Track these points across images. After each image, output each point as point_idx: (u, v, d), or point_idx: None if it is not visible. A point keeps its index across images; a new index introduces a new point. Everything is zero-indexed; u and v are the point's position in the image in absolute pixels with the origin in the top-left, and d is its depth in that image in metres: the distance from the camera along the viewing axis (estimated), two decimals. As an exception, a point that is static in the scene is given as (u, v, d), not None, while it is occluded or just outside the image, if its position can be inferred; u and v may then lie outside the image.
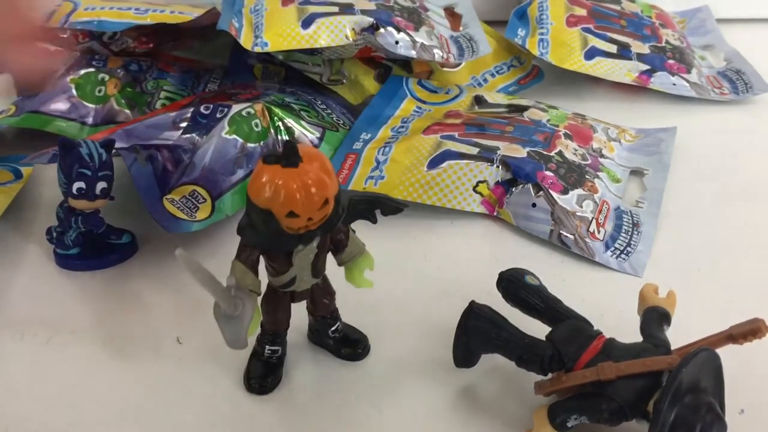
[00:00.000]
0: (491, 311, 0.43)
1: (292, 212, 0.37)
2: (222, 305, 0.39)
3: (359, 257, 0.44)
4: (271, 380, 0.45)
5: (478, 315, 0.43)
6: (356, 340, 0.47)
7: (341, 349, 0.47)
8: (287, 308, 0.44)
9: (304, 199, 0.37)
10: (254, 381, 0.45)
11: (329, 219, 0.39)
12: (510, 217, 0.58)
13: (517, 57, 0.80)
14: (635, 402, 0.38)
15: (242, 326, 0.39)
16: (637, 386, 0.38)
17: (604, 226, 0.57)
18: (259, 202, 0.37)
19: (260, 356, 0.45)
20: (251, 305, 0.40)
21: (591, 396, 0.39)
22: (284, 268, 0.41)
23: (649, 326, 0.42)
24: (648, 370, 0.38)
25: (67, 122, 0.68)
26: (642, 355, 0.39)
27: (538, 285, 0.45)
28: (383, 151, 0.62)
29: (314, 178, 0.37)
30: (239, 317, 0.39)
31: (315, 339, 0.48)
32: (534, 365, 0.41)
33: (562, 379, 0.40)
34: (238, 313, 0.39)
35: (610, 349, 0.40)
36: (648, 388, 0.38)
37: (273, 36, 0.66)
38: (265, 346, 0.45)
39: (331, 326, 0.46)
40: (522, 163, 0.59)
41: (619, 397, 0.38)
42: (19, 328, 0.49)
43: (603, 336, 0.41)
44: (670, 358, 0.39)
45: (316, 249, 0.41)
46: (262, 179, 0.37)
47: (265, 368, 0.45)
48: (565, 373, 0.40)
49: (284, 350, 0.46)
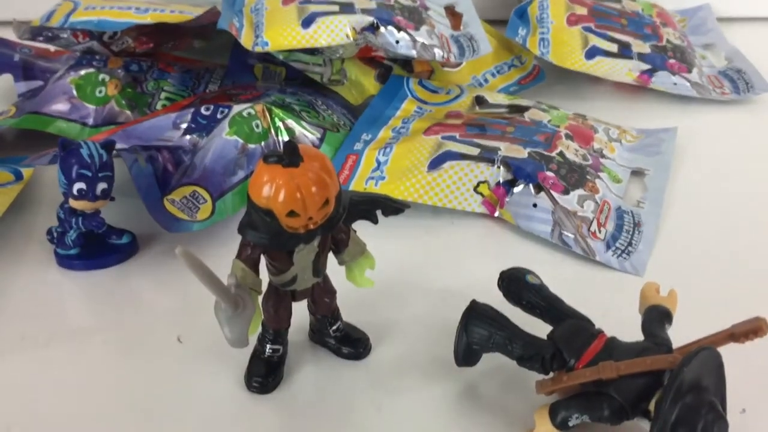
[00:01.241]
0: (492, 310, 0.43)
1: (292, 211, 0.37)
2: (223, 303, 0.39)
3: (360, 257, 0.44)
4: (272, 380, 0.45)
5: (479, 314, 0.43)
6: (357, 339, 0.47)
7: (342, 349, 0.47)
8: (288, 307, 0.44)
9: (305, 199, 0.37)
10: (255, 380, 0.45)
11: (330, 219, 0.39)
12: (511, 217, 0.58)
13: (518, 57, 0.80)
14: (636, 401, 0.38)
15: (243, 325, 0.39)
16: (639, 385, 0.38)
17: (605, 226, 0.57)
18: (260, 201, 0.37)
19: (261, 355, 0.45)
20: (252, 304, 0.40)
21: (592, 395, 0.39)
22: (285, 267, 0.41)
23: (650, 325, 0.42)
24: (649, 369, 0.38)
25: (67, 123, 0.68)
26: (643, 354, 0.39)
27: (539, 284, 0.45)
28: (384, 151, 0.62)
29: (315, 178, 0.37)
30: (240, 316, 0.39)
31: (316, 338, 0.48)
32: (535, 364, 0.41)
33: (563, 379, 0.40)
34: (239, 312, 0.39)
35: (611, 348, 0.40)
36: (649, 387, 0.38)
37: (273, 35, 0.66)
38: (267, 345, 0.45)
39: (332, 325, 0.46)
40: (523, 164, 0.59)
41: (620, 396, 0.38)
42: (19, 328, 0.49)
43: (604, 335, 0.41)
44: (672, 357, 0.39)
45: (317, 248, 0.41)
46: (262, 179, 0.37)
47: (267, 368, 0.45)
48: (567, 372, 0.40)
49: (285, 349, 0.46)
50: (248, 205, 0.38)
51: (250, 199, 0.38)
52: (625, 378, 0.38)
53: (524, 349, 0.41)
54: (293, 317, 0.45)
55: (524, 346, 0.41)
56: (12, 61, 0.74)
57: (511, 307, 0.45)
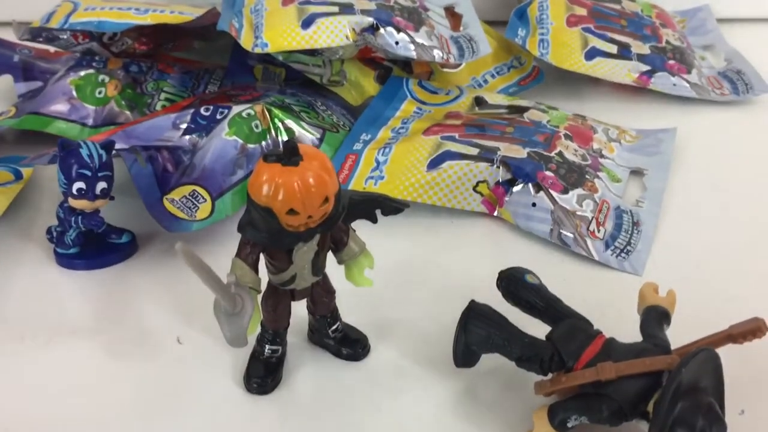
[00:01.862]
0: (491, 310, 0.43)
1: (292, 210, 0.37)
2: (222, 302, 0.39)
3: (360, 256, 0.44)
4: (271, 380, 0.45)
5: (478, 314, 0.43)
6: (356, 340, 0.47)
7: (341, 349, 0.47)
8: (288, 306, 0.44)
9: (304, 197, 0.37)
10: (254, 381, 0.45)
11: (329, 217, 0.39)
12: (510, 217, 0.58)
13: (517, 57, 0.80)
14: (635, 402, 0.38)
15: (242, 323, 0.39)
16: (638, 386, 0.38)
17: (604, 225, 0.57)
18: (260, 200, 0.37)
19: (260, 356, 0.45)
20: (251, 303, 0.40)
21: (591, 396, 0.39)
22: (284, 266, 0.41)
23: (648, 325, 0.42)
24: (648, 370, 0.38)
25: (67, 123, 0.68)
26: (642, 355, 0.39)
27: (537, 284, 0.45)
28: (383, 151, 0.62)
29: (314, 177, 0.37)
30: (239, 314, 0.39)
31: (315, 339, 0.48)
32: (534, 365, 0.41)
33: (561, 380, 0.40)
34: (238, 311, 0.39)
35: (609, 349, 0.40)
36: (648, 388, 0.38)
37: (273, 36, 0.66)
38: (266, 345, 0.45)
39: (331, 326, 0.46)
40: (522, 164, 0.59)
41: (619, 397, 0.38)
42: (19, 328, 0.49)
43: (603, 335, 0.41)
44: (670, 358, 0.39)
45: (317, 247, 0.41)
46: (262, 177, 0.37)
47: (266, 368, 0.45)
48: (565, 373, 0.40)
49: (284, 350, 0.46)
50: (248, 203, 0.38)
51: (249, 198, 0.38)
52: (623, 379, 0.38)
53: (523, 350, 0.41)
54: (292, 318, 0.45)
55: (523, 347, 0.41)
56: (12, 61, 0.74)
57: (510, 307, 0.45)
